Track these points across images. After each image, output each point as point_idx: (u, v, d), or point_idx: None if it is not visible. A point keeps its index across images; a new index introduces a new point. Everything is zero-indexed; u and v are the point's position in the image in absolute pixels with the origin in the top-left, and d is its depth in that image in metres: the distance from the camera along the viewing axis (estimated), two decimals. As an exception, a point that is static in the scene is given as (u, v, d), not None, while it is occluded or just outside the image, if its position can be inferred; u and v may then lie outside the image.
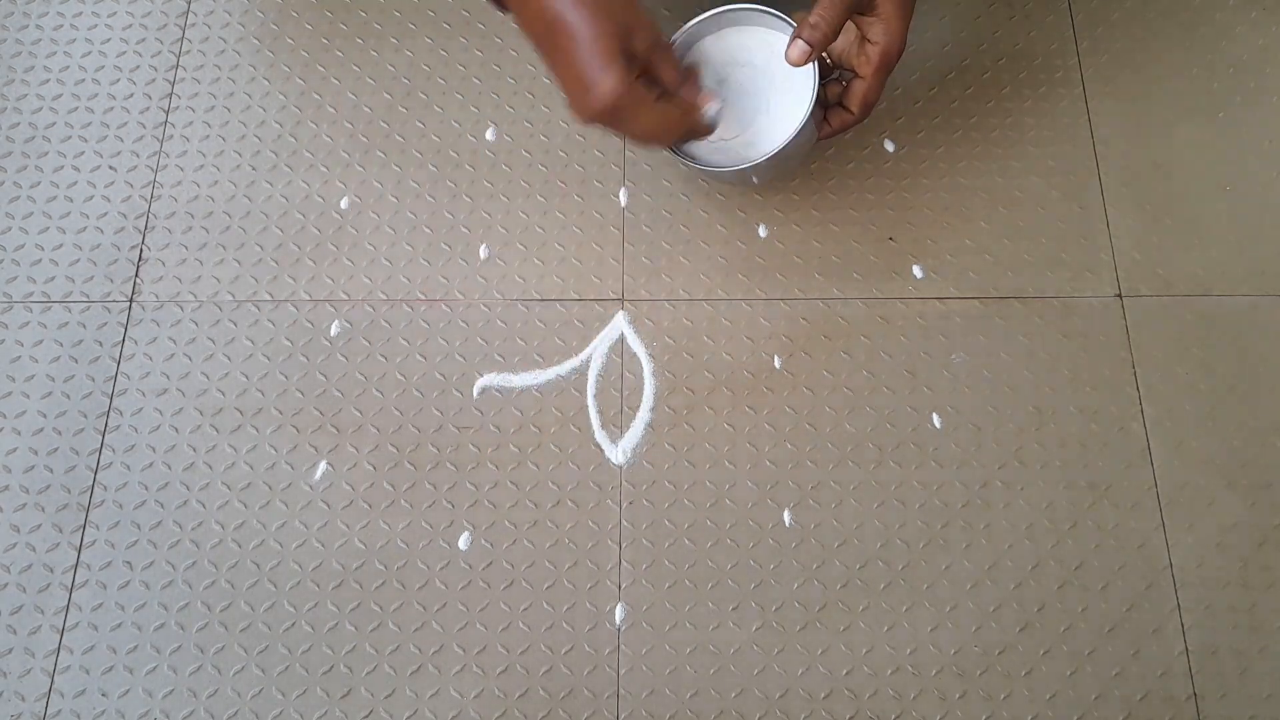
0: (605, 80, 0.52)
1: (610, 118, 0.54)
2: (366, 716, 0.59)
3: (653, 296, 0.68)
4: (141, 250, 0.70)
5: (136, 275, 0.69)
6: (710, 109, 0.59)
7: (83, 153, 0.73)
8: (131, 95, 0.75)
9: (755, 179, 0.64)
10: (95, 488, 0.64)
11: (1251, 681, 0.59)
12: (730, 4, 0.61)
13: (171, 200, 0.71)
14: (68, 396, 0.66)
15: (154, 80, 0.75)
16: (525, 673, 0.60)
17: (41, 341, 0.68)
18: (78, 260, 0.70)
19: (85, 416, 0.66)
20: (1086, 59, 0.74)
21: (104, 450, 0.65)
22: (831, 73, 0.62)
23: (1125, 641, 0.60)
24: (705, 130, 0.59)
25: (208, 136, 0.73)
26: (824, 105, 0.61)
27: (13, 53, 0.76)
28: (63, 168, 0.73)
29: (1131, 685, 0.59)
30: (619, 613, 0.61)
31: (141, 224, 0.71)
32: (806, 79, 0.59)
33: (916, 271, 0.68)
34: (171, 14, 0.77)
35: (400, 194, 0.71)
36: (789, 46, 0.58)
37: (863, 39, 0.58)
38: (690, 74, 0.58)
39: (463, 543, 0.62)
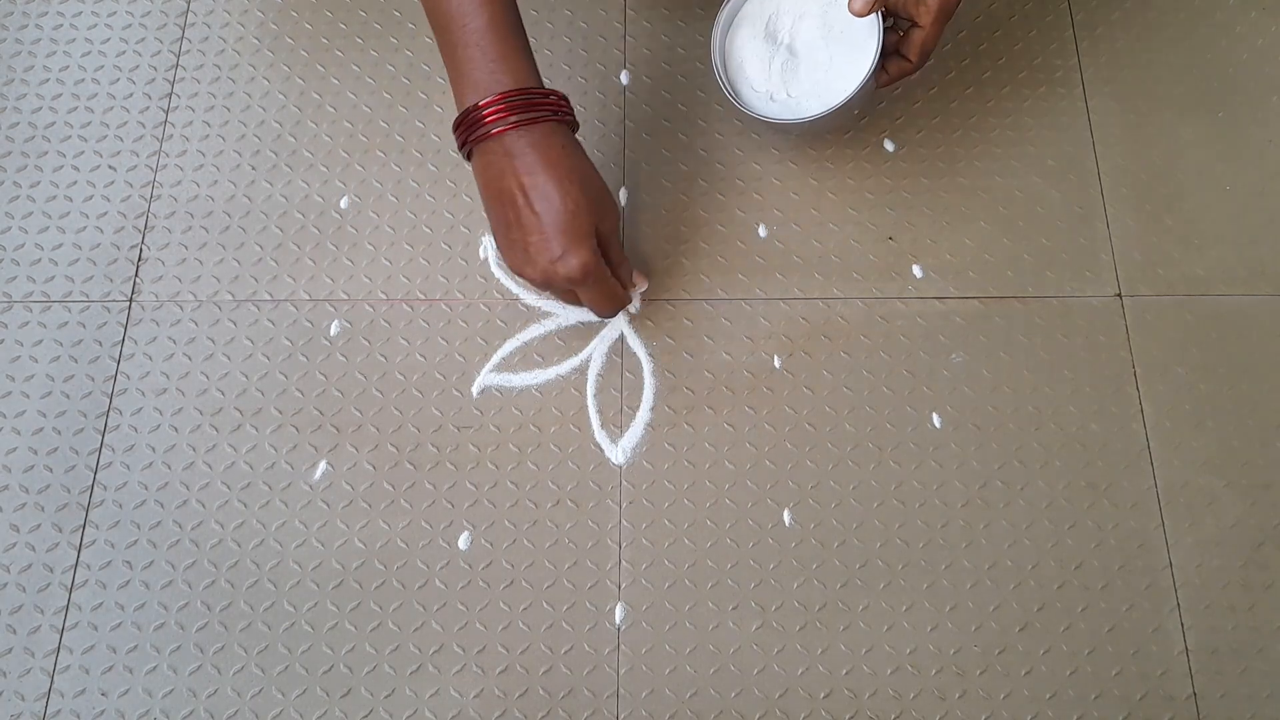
0: (578, 254, 0.56)
1: (566, 285, 0.58)
2: (366, 716, 0.59)
3: (652, 296, 0.68)
4: (141, 250, 0.70)
5: (136, 275, 0.69)
6: (640, 290, 0.66)
7: (82, 152, 0.73)
8: (131, 95, 0.75)
9: (819, 128, 0.67)
10: (95, 487, 0.64)
11: (1251, 681, 0.59)
12: None
13: (171, 200, 0.71)
14: (68, 396, 0.66)
15: (154, 80, 0.75)
16: (525, 673, 0.60)
17: (41, 341, 0.68)
18: (77, 260, 0.70)
19: (85, 416, 0.66)
20: (1086, 59, 0.74)
21: (104, 450, 0.65)
22: (886, 21, 0.62)
23: (1125, 641, 0.60)
24: (623, 306, 0.64)
25: (207, 136, 0.73)
26: (882, 54, 0.62)
27: (12, 52, 0.76)
28: (62, 167, 0.72)
29: (1131, 685, 0.59)
30: (619, 612, 0.61)
31: (141, 223, 0.71)
32: (869, 29, 0.60)
33: (916, 271, 0.68)
34: (171, 14, 0.77)
35: (400, 194, 0.71)
36: None
37: None
38: (625, 254, 0.62)
39: (462, 542, 0.62)
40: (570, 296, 0.61)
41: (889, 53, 0.63)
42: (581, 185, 0.56)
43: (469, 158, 0.59)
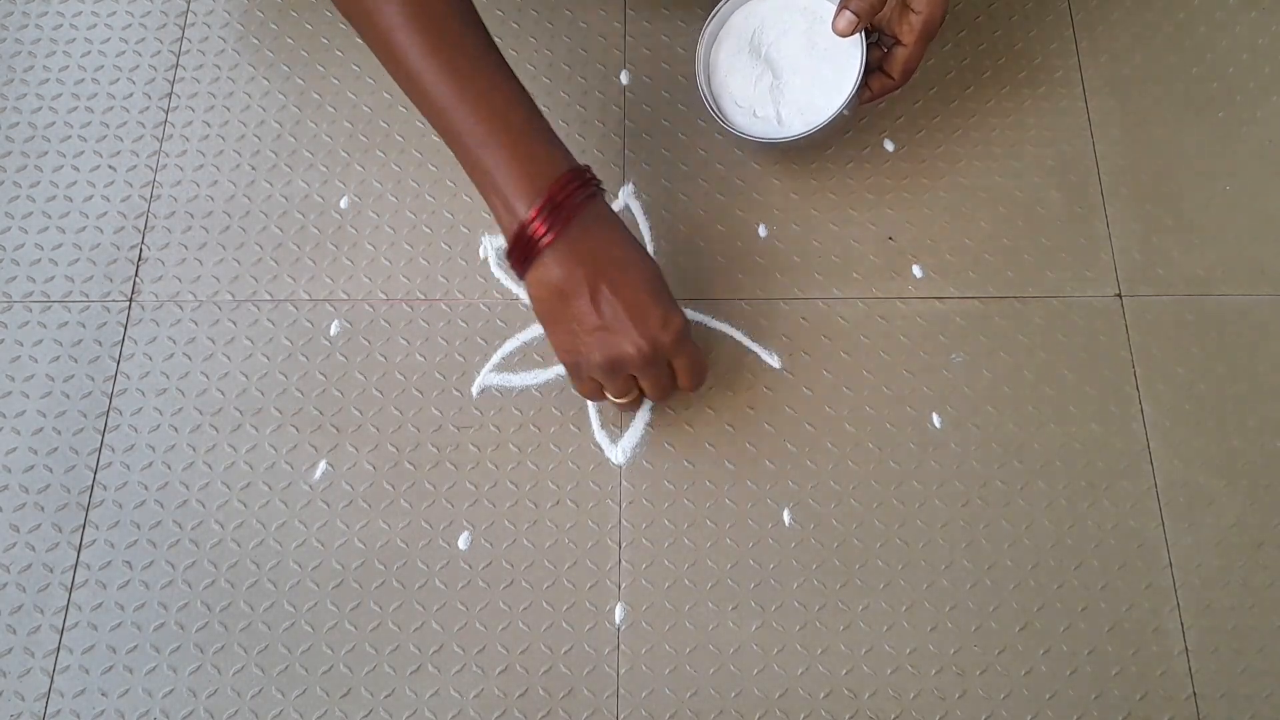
0: (678, 313, 0.55)
1: (677, 345, 0.55)
2: (366, 716, 0.59)
3: (652, 296, 0.68)
4: (141, 250, 0.70)
5: (136, 275, 0.69)
6: None
7: (82, 152, 0.73)
8: (131, 95, 0.75)
9: (801, 146, 0.67)
10: (95, 487, 0.64)
11: (1251, 681, 0.59)
12: None
13: (171, 200, 0.71)
14: (67, 396, 0.66)
15: (154, 80, 0.75)
16: (525, 673, 0.60)
17: (41, 341, 0.68)
18: (77, 260, 0.70)
19: (85, 416, 0.66)
20: (1086, 59, 0.74)
21: (104, 450, 0.65)
22: (870, 37, 0.62)
23: (1125, 641, 0.60)
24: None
25: (207, 136, 0.73)
26: (866, 71, 0.62)
27: (12, 52, 0.76)
28: (62, 167, 0.72)
29: (1131, 685, 0.59)
30: (618, 612, 0.61)
31: (141, 223, 0.71)
32: (852, 48, 0.60)
33: (916, 271, 0.68)
34: (171, 14, 0.77)
35: (400, 194, 0.71)
36: (836, 17, 0.59)
37: (905, 7, 0.59)
38: None
39: (462, 542, 0.62)
40: (623, 383, 0.57)
41: (872, 69, 0.63)
42: (648, 255, 0.56)
43: (524, 276, 0.55)
